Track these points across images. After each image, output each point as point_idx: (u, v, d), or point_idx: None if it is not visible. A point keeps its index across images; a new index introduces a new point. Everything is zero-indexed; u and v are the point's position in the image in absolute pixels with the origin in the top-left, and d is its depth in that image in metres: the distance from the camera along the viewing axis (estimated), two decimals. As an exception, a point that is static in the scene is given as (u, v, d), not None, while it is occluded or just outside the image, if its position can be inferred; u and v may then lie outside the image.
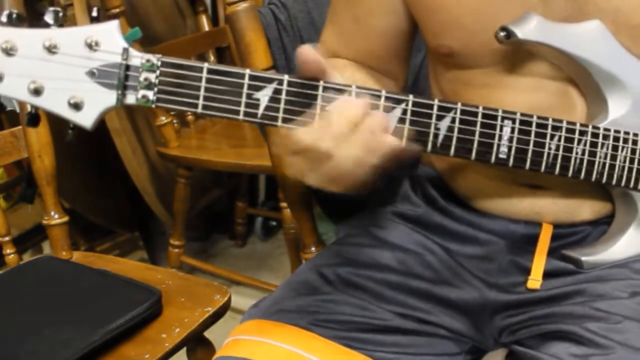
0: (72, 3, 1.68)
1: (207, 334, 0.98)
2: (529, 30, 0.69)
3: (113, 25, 0.59)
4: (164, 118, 1.67)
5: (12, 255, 1.11)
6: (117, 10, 1.60)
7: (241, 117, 0.62)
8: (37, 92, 0.59)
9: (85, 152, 1.96)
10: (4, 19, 0.58)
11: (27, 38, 0.58)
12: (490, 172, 0.79)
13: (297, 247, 1.62)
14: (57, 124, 1.13)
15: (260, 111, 0.62)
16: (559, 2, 0.71)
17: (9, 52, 0.58)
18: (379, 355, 0.76)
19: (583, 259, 0.77)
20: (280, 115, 0.62)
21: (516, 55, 0.73)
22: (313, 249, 1.18)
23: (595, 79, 0.73)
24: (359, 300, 0.78)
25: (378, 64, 0.86)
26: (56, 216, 1.12)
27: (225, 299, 0.98)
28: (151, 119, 1.75)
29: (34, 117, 0.65)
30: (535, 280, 0.78)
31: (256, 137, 1.73)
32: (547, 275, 0.78)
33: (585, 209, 0.80)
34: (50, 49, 0.58)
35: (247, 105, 0.62)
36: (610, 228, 0.80)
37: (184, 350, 0.97)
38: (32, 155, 1.09)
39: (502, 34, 0.70)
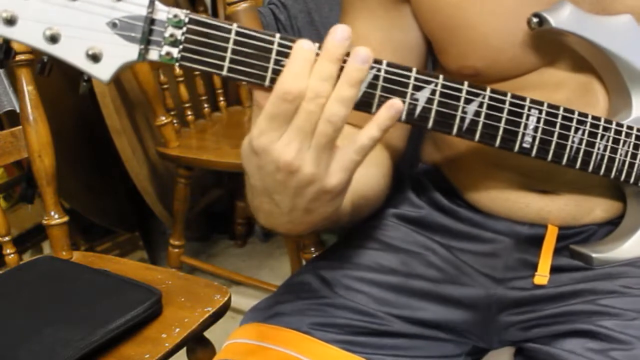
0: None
1: (207, 334, 0.98)
2: (562, 18, 0.68)
3: None
4: (164, 118, 1.66)
5: (12, 255, 1.10)
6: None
7: (267, 83, 0.59)
8: (53, 39, 0.54)
9: (85, 152, 1.97)
10: None
11: None
12: (500, 174, 0.79)
13: (297, 247, 1.62)
14: (58, 124, 1.13)
15: None
16: (585, 4, 0.70)
17: None
18: (378, 359, 0.75)
19: (594, 255, 0.77)
20: None
21: (541, 55, 0.73)
22: (313, 249, 1.18)
23: (622, 74, 0.72)
24: (358, 304, 0.77)
25: None
26: (56, 216, 1.12)
27: (225, 299, 0.98)
28: (151, 119, 1.75)
29: (45, 66, 0.62)
30: (542, 276, 0.78)
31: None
32: (555, 271, 0.78)
33: (595, 213, 0.79)
34: None
35: (274, 71, 0.58)
36: (620, 226, 0.79)
37: (184, 350, 0.97)
38: (32, 155, 1.09)
39: (535, 20, 0.69)
